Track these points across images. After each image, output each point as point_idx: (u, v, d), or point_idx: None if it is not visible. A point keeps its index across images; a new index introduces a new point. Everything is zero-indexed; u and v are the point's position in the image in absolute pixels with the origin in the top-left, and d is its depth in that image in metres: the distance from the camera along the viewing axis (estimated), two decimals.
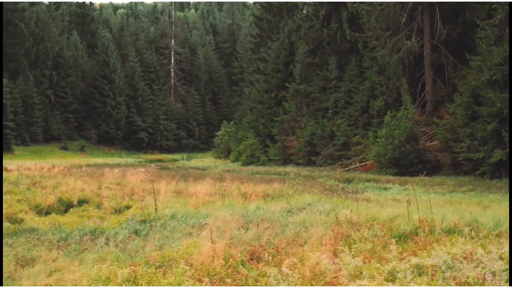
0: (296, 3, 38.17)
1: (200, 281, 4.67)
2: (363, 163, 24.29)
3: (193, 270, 4.85)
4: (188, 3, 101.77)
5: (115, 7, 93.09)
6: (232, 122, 45.24)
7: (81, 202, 11.79)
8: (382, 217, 9.09)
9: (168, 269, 5.12)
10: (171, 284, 4.57)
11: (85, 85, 55.47)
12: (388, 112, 22.93)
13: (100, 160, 42.28)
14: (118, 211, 11.04)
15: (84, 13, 62.44)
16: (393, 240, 7.18)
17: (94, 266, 5.77)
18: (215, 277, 5.00)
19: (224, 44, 75.94)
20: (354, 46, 30.41)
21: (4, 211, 11.26)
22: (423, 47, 25.64)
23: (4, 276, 5.68)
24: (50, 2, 57.73)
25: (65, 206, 11.58)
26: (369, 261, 5.35)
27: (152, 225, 8.62)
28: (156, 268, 5.22)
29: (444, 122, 21.72)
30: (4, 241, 7.52)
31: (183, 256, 5.70)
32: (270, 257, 5.47)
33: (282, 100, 34.68)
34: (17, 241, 7.54)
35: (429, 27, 25.75)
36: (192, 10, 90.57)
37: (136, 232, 8.30)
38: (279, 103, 35.13)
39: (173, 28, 67.36)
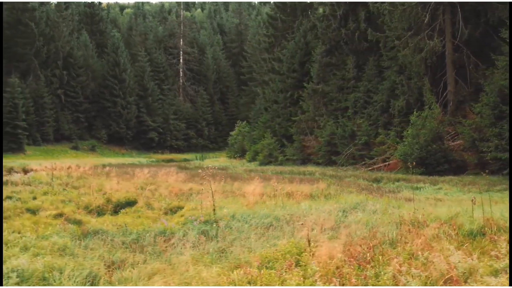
0: (311, 2, 38.19)
1: (328, 281, 4.67)
2: (386, 163, 24.30)
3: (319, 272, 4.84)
4: (194, 3, 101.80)
5: (121, 7, 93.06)
6: (245, 121, 45.23)
7: (129, 203, 11.77)
8: (443, 216, 9.08)
9: (283, 271, 5.12)
10: (299, 285, 4.58)
11: (95, 85, 55.46)
12: (414, 112, 22.94)
13: (113, 160, 42.25)
14: (171, 211, 11.02)
15: (93, 13, 62.41)
16: (463, 238, 7.22)
17: (190, 268, 5.72)
18: (327, 277, 4.99)
19: (232, 44, 76.05)
20: (372, 46, 30.42)
21: (54, 211, 11.25)
22: (444, 47, 25.64)
23: (101, 280, 5.55)
24: (59, 2, 57.68)
25: (115, 207, 11.56)
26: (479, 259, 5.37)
27: (219, 226, 8.60)
28: (267, 269, 5.22)
29: (470, 121, 21.73)
30: (77, 242, 7.46)
31: (285, 257, 5.70)
32: (380, 257, 5.46)
33: (298, 100, 34.69)
34: (92, 243, 7.47)
35: (450, 27, 25.74)
36: (199, 10, 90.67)
37: (203, 233, 8.26)
38: (295, 102, 35.13)
39: (182, 28, 67.35)
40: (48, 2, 59.34)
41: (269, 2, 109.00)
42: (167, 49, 66.13)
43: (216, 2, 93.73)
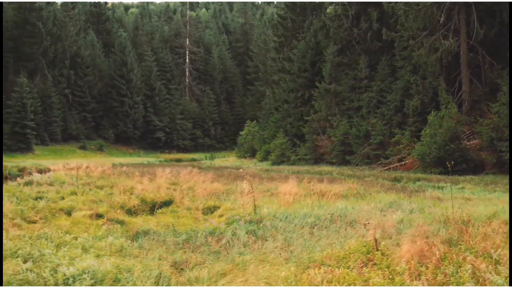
0: (320, 2, 38.23)
1: (416, 279, 4.70)
2: (402, 162, 24.36)
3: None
4: (197, 3, 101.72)
5: (126, 7, 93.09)
6: (255, 121, 45.27)
7: (165, 203, 11.77)
8: (483, 215, 9.11)
9: (360, 269, 5.16)
10: (395, 284, 4.60)
11: (102, 85, 55.45)
12: (432, 112, 23.00)
13: (123, 160, 42.24)
14: (208, 211, 11.03)
15: (99, 12, 62.42)
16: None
17: (257, 268, 5.71)
18: (409, 274, 5.01)
19: (237, 43, 76.04)
20: (385, 45, 30.50)
21: (89, 211, 11.27)
22: (459, 47, 25.68)
23: (172, 281, 5.52)
24: (65, 2, 57.64)
25: (150, 207, 11.56)
26: None
27: (265, 225, 8.61)
28: (346, 269, 5.25)
29: (488, 121, 21.77)
30: (128, 243, 7.42)
31: (356, 256, 5.73)
32: (454, 255, 5.49)
33: (309, 100, 34.75)
34: (145, 243, 7.42)
35: (465, 27, 25.77)
36: (204, 10, 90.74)
37: (250, 232, 8.24)
38: (306, 102, 35.17)
39: (188, 28, 67.37)
40: (53, 2, 59.34)
41: (272, 2, 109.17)
42: (173, 49, 66.16)
43: (220, 2, 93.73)
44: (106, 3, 64.81)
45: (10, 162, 33.71)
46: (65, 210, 11.33)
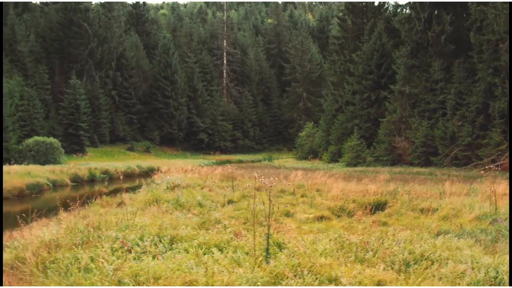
0: (380, 4, 38.69)
1: None
2: (498, 163, 24.80)
3: None
4: (221, 3, 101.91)
5: (155, 8, 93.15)
6: (313, 123, 45.68)
7: (378, 205, 12.12)
8: None
9: None
10: None
11: (146, 86, 55.62)
12: None
13: (178, 161, 42.47)
14: (427, 212, 11.39)
15: (138, 14, 62.55)
16: None
17: None
18: None
19: (270, 45, 76.27)
20: (458, 47, 31.02)
21: (305, 215, 11.61)
22: None
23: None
24: (106, 2, 57.65)
25: (366, 209, 11.91)
26: None
27: None
28: None
29: None
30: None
31: None
32: None
33: (376, 101, 35.19)
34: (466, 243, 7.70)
35: None
36: (233, 11, 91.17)
37: None
38: (373, 104, 35.61)
39: (225, 29, 67.64)
40: (89, 2, 59.34)
41: (293, 2, 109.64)
42: (211, 50, 66.40)
43: (250, 2, 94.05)
44: (144, 3, 64.76)
45: (77, 164, 33.87)
46: (287, 214, 11.61)
